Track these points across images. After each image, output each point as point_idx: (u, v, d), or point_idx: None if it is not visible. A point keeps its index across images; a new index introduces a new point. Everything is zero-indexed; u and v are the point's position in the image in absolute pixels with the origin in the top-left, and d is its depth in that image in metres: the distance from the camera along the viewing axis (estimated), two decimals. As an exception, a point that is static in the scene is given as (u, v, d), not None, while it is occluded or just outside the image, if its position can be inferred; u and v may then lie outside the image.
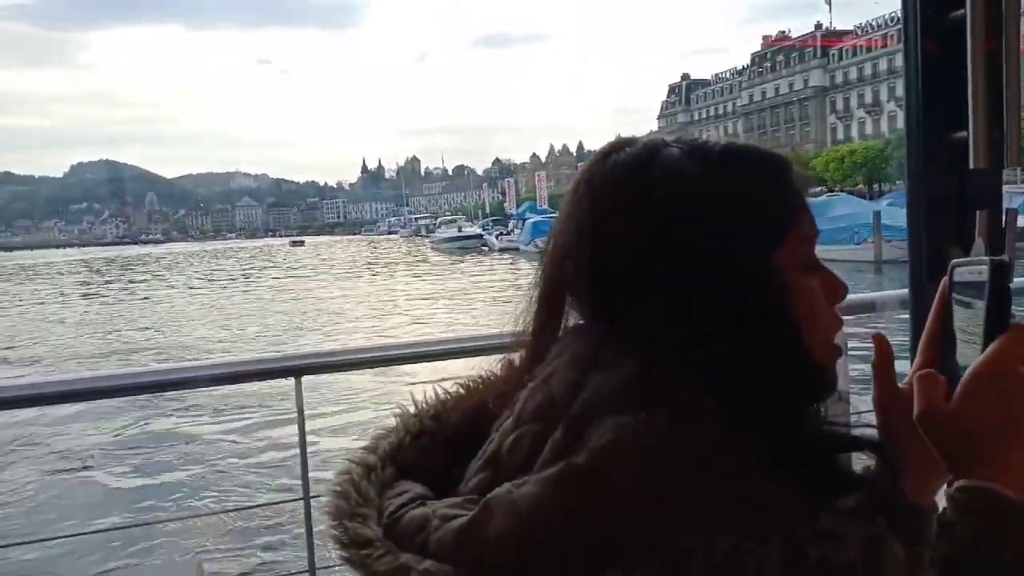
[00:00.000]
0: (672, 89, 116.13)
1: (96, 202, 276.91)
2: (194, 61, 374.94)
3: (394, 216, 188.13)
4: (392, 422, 0.80)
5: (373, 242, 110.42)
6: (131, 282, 46.87)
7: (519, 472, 0.63)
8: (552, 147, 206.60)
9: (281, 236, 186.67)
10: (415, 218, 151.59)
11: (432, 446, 0.77)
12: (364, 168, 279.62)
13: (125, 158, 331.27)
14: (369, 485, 0.71)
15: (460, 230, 63.05)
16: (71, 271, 66.23)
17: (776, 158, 0.74)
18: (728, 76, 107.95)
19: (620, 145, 0.74)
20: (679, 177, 0.69)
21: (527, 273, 0.90)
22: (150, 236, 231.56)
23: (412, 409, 0.81)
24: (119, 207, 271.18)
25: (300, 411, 1.93)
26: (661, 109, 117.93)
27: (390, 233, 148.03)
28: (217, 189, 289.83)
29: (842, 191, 48.35)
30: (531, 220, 48.39)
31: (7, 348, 19.61)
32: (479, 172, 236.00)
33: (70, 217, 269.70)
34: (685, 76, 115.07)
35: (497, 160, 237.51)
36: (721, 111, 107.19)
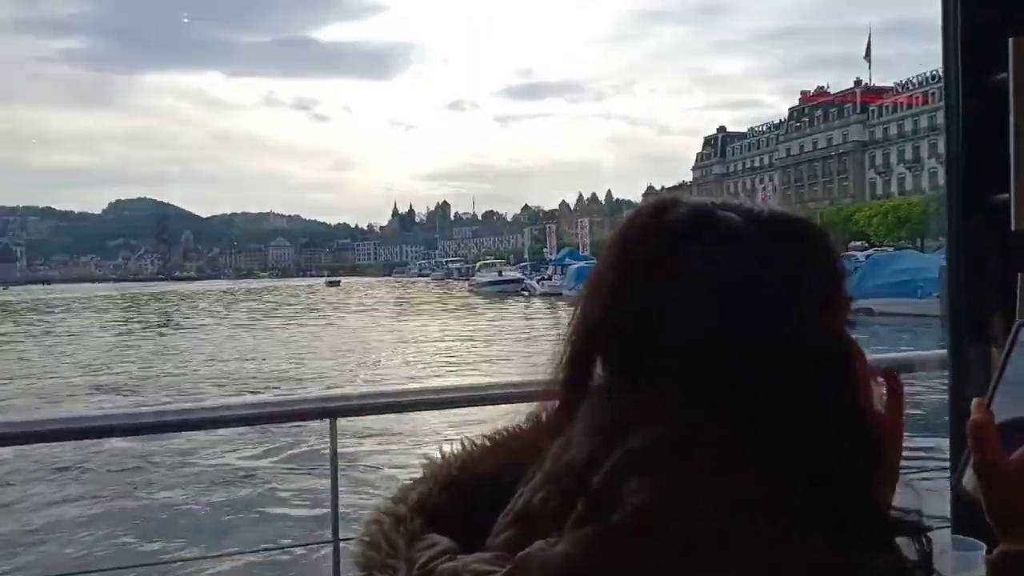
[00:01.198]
0: (708, 141, 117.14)
1: (133, 238, 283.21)
2: (232, 105, 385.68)
3: (424, 259, 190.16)
4: (420, 473, 0.79)
5: (407, 284, 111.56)
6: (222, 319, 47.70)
7: (549, 529, 0.62)
8: (581, 195, 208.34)
9: (313, 276, 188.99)
10: (446, 261, 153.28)
11: (460, 498, 0.76)
12: (395, 212, 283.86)
13: (163, 196, 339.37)
14: (398, 536, 0.70)
15: (500, 274, 63.53)
16: (142, 305, 67.70)
17: (818, 226, 0.74)
18: (765, 129, 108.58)
19: (667, 204, 0.73)
20: (734, 243, 0.68)
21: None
22: (184, 273, 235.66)
23: (439, 460, 0.80)
24: (155, 244, 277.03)
25: (333, 453, 1.89)
26: (696, 160, 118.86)
27: (420, 275, 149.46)
28: (251, 229, 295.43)
29: (884, 246, 48.25)
30: (575, 266, 48.92)
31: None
32: (508, 218, 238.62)
33: (107, 253, 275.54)
34: (721, 128, 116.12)
35: (527, 206, 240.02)
36: (757, 163, 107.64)
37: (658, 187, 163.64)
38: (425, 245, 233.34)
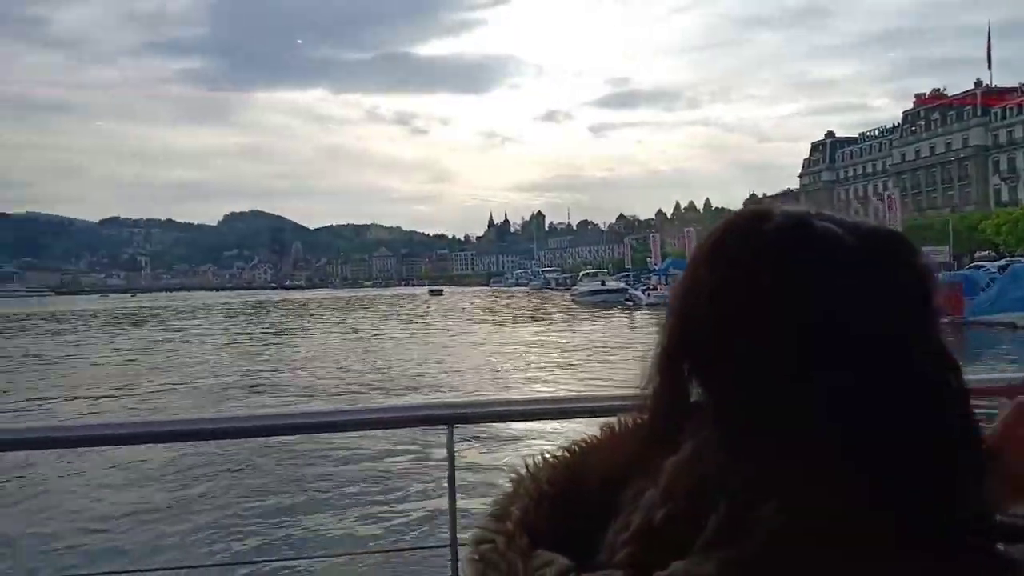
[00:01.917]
0: (816, 146, 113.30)
1: (246, 249, 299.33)
2: (338, 120, 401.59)
3: (519, 269, 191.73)
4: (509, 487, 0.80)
5: (506, 293, 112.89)
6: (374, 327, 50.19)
7: (675, 549, 0.62)
8: (678, 203, 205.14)
9: (414, 285, 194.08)
10: (542, 271, 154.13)
11: (554, 513, 0.76)
12: (491, 222, 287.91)
13: (273, 209, 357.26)
14: (515, 555, 0.70)
15: (603, 284, 62.92)
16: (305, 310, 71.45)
17: (911, 242, 0.71)
18: (877, 134, 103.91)
19: (763, 212, 0.71)
20: (836, 254, 0.67)
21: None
22: (294, 282, 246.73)
23: (526, 473, 0.80)
24: (267, 254, 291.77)
25: (451, 459, 1.91)
26: (804, 166, 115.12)
27: (517, 285, 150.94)
28: (355, 240, 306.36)
29: (1016, 256, 45.55)
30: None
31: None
32: (603, 227, 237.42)
33: (223, 262, 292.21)
34: (830, 134, 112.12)
35: (622, 215, 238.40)
36: (870, 170, 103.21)
37: (759, 195, 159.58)
38: (520, 255, 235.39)
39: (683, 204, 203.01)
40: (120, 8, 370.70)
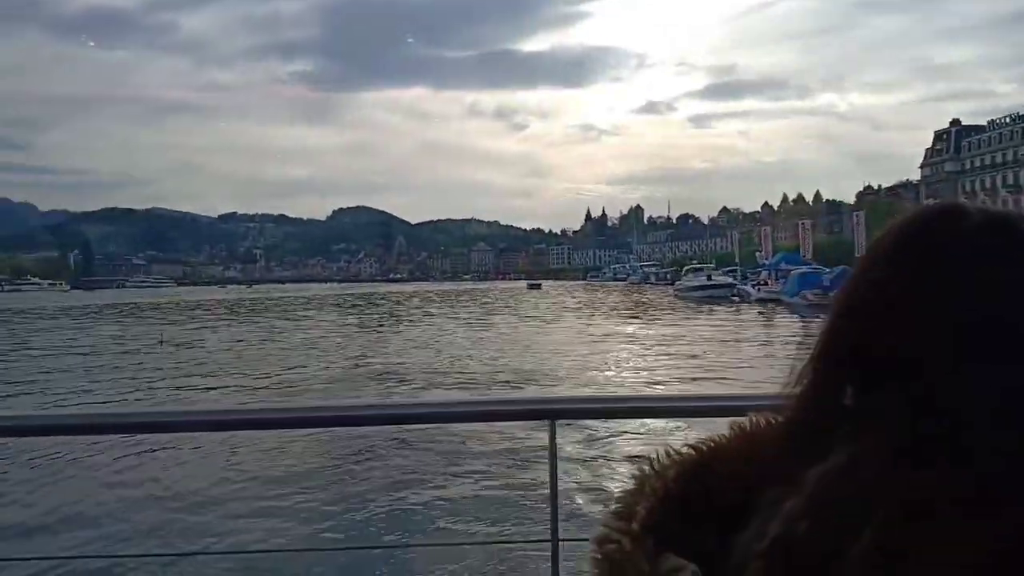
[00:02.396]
0: (939, 136, 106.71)
1: (353, 243, 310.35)
2: (438, 117, 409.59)
3: (617, 263, 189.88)
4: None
5: (605, 288, 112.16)
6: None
7: (813, 563, 0.59)
8: (786, 196, 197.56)
9: (511, 279, 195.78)
10: (641, 266, 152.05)
11: (680, 514, 0.73)
12: (588, 216, 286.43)
13: (378, 204, 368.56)
14: (641, 558, 0.68)
15: (709, 278, 60.77)
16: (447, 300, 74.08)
17: None
18: (1008, 122, 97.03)
19: (959, 211, 0.66)
20: None
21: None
22: (397, 275, 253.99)
23: (651, 471, 0.76)
24: (372, 248, 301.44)
25: (553, 454, 1.88)
26: (925, 156, 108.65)
27: (615, 279, 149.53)
28: (455, 234, 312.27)
29: None
30: (798, 271, 46.66)
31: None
32: (704, 221, 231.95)
33: (331, 255, 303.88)
34: (955, 122, 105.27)
35: (725, 208, 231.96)
36: (999, 160, 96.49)
37: (874, 186, 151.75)
38: (618, 249, 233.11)
39: (791, 196, 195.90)
40: (240, 13, 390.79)
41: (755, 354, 23.52)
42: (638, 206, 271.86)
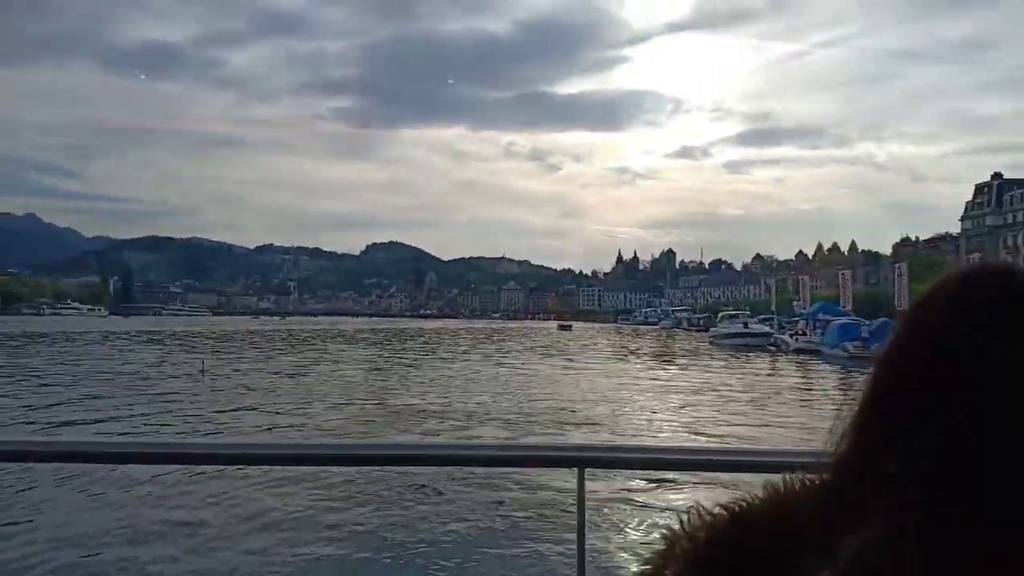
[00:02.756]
0: (980, 188, 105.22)
1: (384, 278, 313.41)
2: (475, 156, 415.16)
3: (648, 307, 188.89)
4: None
5: (637, 332, 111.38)
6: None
7: None
8: (820, 244, 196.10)
9: (541, 319, 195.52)
10: (673, 310, 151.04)
11: None
12: (619, 258, 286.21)
13: (411, 240, 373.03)
14: None
15: (746, 326, 60.08)
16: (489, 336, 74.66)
17: None
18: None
19: (1008, 269, 0.64)
20: None
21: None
22: (427, 311, 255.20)
23: (681, 532, 0.74)
24: (403, 283, 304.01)
25: (581, 502, 1.85)
26: (966, 209, 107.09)
27: (646, 323, 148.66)
28: (485, 272, 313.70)
29: None
30: (838, 322, 45.85)
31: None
32: (737, 267, 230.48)
33: (362, 289, 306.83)
34: (996, 175, 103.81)
35: (759, 255, 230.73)
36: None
37: (912, 237, 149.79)
38: (649, 292, 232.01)
39: (826, 245, 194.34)
40: (285, 50, 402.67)
41: (794, 407, 23.19)
42: (670, 250, 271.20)
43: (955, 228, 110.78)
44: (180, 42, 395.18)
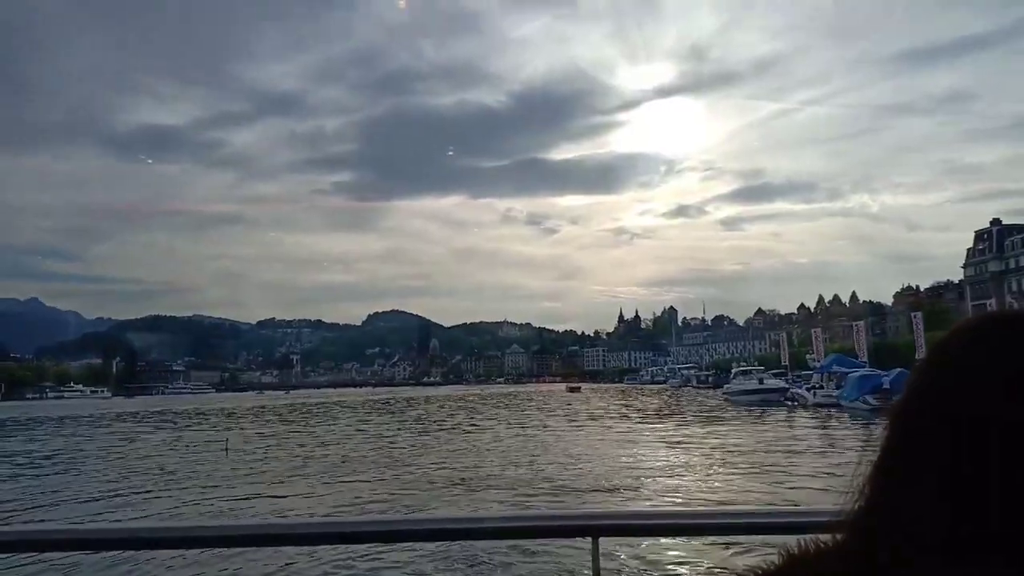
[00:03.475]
0: (980, 235, 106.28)
1: (387, 347, 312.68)
2: (473, 223, 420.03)
3: (653, 365, 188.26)
4: None
5: (646, 391, 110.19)
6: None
7: None
8: (822, 297, 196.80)
9: (546, 381, 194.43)
10: (679, 368, 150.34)
11: None
12: (621, 318, 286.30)
13: (412, 308, 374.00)
14: None
15: (761, 382, 59.53)
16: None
17: None
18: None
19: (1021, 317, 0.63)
20: None
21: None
22: (431, 379, 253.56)
23: None
24: (406, 351, 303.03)
25: (596, 573, 1.78)
26: (967, 256, 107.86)
27: (653, 382, 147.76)
28: (488, 337, 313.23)
29: None
30: (856, 374, 45.49)
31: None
32: (740, 322, 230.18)
33: (365, 360, 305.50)
34: (995, 221, 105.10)
35: (760, 310, 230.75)
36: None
37: (913, 286, 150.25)
38: (653, 351, 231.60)
39: (827, 297, 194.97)
40: (284, 129, 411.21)
41: (819, 464, 22.77)
42: (672, 308, 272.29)
43: (953, 275, 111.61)
44: (179, 125, 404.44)
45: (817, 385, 53.75)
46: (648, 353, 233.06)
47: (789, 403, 53.04)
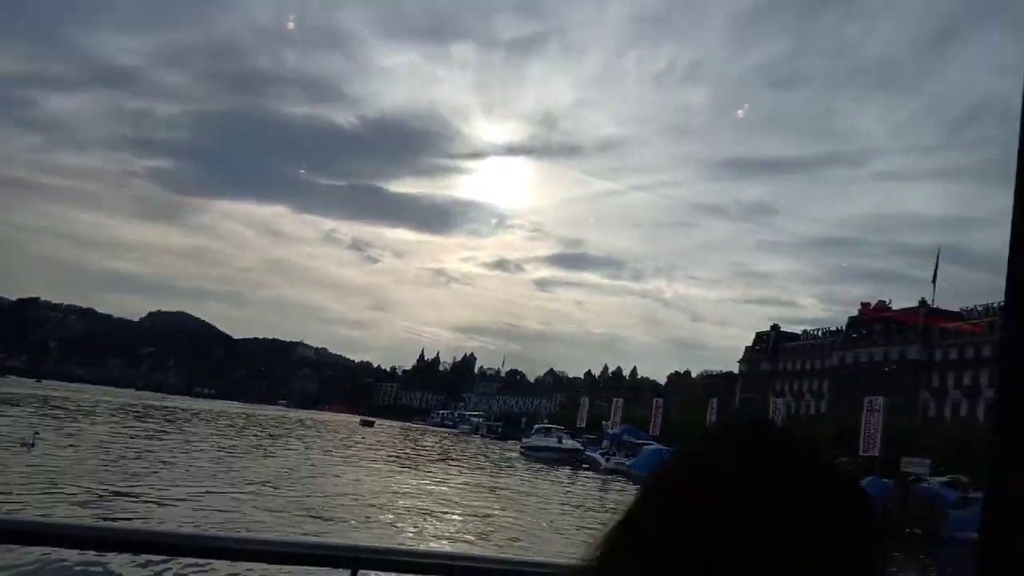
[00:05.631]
0: (760, 337, 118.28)
1: (163, 349, 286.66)
2: (292, 237, 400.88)
3: (444, 408, 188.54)
4: None
5: (437, 433, 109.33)
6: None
7: None
8: (606, 367, 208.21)
9: (335, 410, 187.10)
10: (469, 415, 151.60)
11: None
12: (422, 358, 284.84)
13: (202, 314, 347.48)
14: None
15: (560, 441, 60.99)
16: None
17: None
18: (820, 335, 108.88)
19: (741, 427, 0.68)
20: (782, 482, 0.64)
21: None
22: (205, 390, 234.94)
23: None
24: (184, 357, 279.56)
25: None
26: (745, 353, 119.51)
27: (442, 425, 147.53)
28: (278, 355, 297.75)
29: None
30: (650, 447, 47.87)
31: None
32: (531, 379, 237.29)
33: (135, 360, 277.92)
34: (775, 327, 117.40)
35: (552, 371, 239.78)
36: (809, 367, 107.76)
37: (682, 371, 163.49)
38: (446, 395, 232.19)
39: (611, 368, 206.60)
40: (110, 102, 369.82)
41: (593, 522, 23.57)
42: (471, 354, 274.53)
43: (721, 366, 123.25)
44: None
45: (610, 452, 55.91)
46: (442, 396, 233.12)
47: (585, 466, 54.74)
